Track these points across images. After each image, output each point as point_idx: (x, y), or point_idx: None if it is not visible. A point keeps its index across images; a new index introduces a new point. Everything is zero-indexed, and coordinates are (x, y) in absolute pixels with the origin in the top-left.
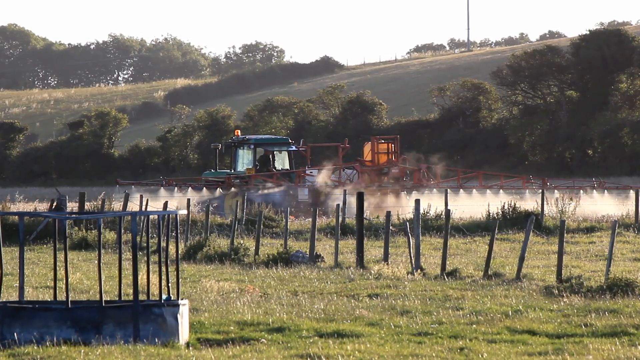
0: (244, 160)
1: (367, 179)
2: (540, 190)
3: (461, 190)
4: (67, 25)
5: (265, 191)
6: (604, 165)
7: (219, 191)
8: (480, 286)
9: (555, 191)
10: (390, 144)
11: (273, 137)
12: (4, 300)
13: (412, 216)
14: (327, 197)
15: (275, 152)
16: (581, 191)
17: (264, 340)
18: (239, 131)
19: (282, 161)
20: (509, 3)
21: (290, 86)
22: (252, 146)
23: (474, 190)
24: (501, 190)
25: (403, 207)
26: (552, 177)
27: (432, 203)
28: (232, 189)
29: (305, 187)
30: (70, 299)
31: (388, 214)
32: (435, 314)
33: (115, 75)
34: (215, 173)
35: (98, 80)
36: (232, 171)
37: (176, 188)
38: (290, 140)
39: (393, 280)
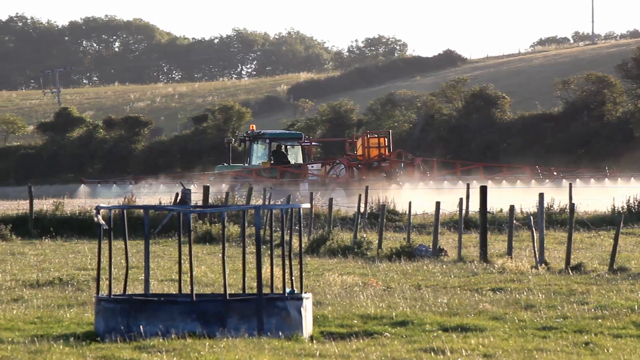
0: (259, 154)
1: (355, 173)
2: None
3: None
4: (191, 19)
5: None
6: None
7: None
8: (606, 280)
9: None
10: (382, 139)
11: (287, 131)
12: (130, 293)
13: (535, 209)
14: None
15: (288, 147)
16: None
17: (387, 333)
18: (254, 126)
19: (295, 155)
20: None
21: (413, 80)
22: (266, 140)
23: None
24: (504, 181)
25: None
26: None
27: (426, 197)
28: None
29: (305, 181)
30: (194, 292)
31: (512, 208)
32: (559, 308)
33: (238, 69)
34: (228, 167)
35: (222, 75)
36: (247, 165)
37: (147, 186)
38: (304, 135)
39: (517, 275)
